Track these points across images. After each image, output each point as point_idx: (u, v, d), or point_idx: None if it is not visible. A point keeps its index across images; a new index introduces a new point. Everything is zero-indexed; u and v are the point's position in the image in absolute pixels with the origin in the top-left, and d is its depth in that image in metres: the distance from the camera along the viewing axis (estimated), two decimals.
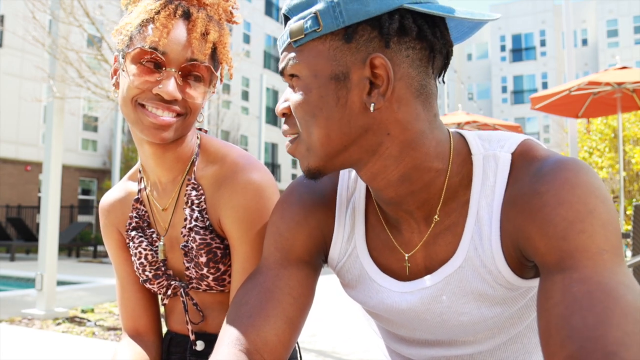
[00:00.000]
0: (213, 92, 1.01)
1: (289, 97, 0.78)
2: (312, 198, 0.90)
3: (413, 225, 0.82)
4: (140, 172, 1.13)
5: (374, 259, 0.87)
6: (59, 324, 4.84)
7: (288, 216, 0.89)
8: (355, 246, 0.88)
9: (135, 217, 1.11)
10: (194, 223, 1.02)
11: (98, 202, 19.31)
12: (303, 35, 0.73)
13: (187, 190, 1.04)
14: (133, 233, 1.10)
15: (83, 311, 5.46)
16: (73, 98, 5.72)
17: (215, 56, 1.00)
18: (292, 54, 0.75)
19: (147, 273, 1.09)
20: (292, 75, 0.76)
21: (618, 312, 0.58)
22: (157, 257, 1.08)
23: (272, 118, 26.56)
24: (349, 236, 0.89)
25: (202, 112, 1.04)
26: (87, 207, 20.10)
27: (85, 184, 20.72)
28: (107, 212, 1.16)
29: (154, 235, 1.10)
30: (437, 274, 0.81)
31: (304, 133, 0.76)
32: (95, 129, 20.08)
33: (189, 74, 0.95)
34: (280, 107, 0.78)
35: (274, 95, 27.13)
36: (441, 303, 0.81)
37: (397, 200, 0.79)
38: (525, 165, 0.75)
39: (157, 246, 1.09)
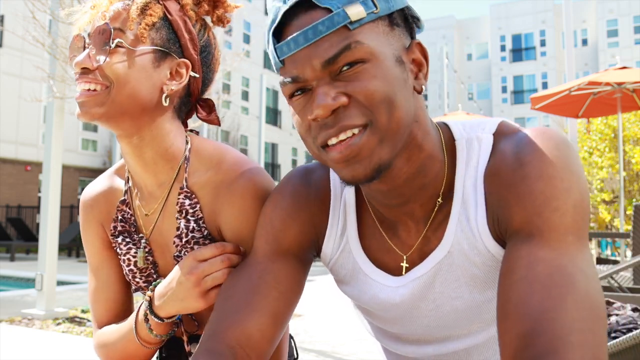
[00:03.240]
0: (109, 48, 0.91)
1: (349, 89, 0.69)
2: (306, 191, 0.89)
3: (410, 226, 0.82)
4: (127, 170, 1.06)
5: (369, 255, 0.86)
6: (58, 324, 4.84)
7: (280, 208, 0.88)
8: (348, 241, 0.87)
9: (121, 220, 1.05)
10: (190, 235, 0.98)
11: None
12: (365, 16, 0.69)
13: (179, 199, 0.98)
14: (119, 239, 1.04)
15: (83, 311, 5.46)
16: (73, 98, 5.72)
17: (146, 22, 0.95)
18: (353, 38, 0.69)
19: (137, 279, 1.04)
20: (352, 63, 0.69)
21: (572, 299, 0.61)
22: (147, 263, 1.03)
23: (272, 118, 26.56)
24: (342, 231, 0.88)
25: (165, 92, 0.97)
26: None
27: (85, 184, 20.67)
28: (89, 206, 1.09)
29: (143, 241, 1.03)
30: (428, 261, 0.81)
31: (382, 119, 0.70)
32: (95, 129, 20.09)
33: (102, 42, 0.91)
34: (337, 102, 0.69)
35: (274, 95, 27.12)
36: (433, 290, 0.81)
37: (407, 198, 0.79)
38: (505, 138, 0.77)
39: (146, 252, 1.03)
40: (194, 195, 0.98)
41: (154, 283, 0.98)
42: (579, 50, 35.05)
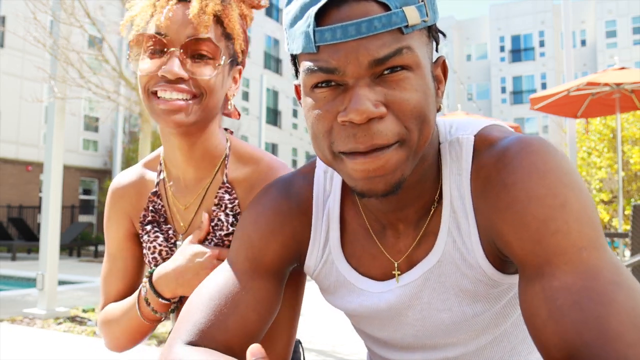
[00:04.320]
0: (219, 66, 0.95)
1: (389, 98, 0.64)
2: (287, 204, 0.84)
3: (401, 230, 0.79)
4: (160, 164, 1.09)
5: (353, 264, 0.83)
6: (60, 323, 4.86)
7: (262, 223, 0.83)
8: (331, 252, 0.84)
9: (152, 210, 1.07)
10: (231, 229, 1.00)
11: (99, 202, 19.32)
12: (419, 22, 0.65)
13: (219, 193, 1.01)
14: (148, 227, 1.07)
15: (84, 311, 5.48)
16: (74, 98, 5.74)
17: (225, 31, 0.98)
18: (406, 43, 0.64)
19: None
20: (395, 68, 0.64)
21: (614, 322, 0.54)
22: (171, 254, 1.05)
23: (272, 118, 26.56)
24: (324, 242, 0.84)
25: (230, 99, 1.03)
26: (88, 207, 20.10)
27: (86, 184, 20.72)
28: (119, 196, 1.11)
29: (171, 232, 1.06)
30: (416, 269, 0.78)
31: (413, 136, 0.66)
32: (96, 129, 20.08)
33: (195, 52, 0.92)
34: (378, 111, 0.63)
35: (274, 95, 27.13)
36: (421, 299, 0.78)
37: (403, 205, 0.76)
38: (487, 147, 0.72)
39: (172, 243, 1.06)
40: (233, 191, 1.02)
41: (149, 270, 1.02)
42: (578, 50, 35.05)
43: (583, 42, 36.32)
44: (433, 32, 0.71)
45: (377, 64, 0.63)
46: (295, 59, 0.72)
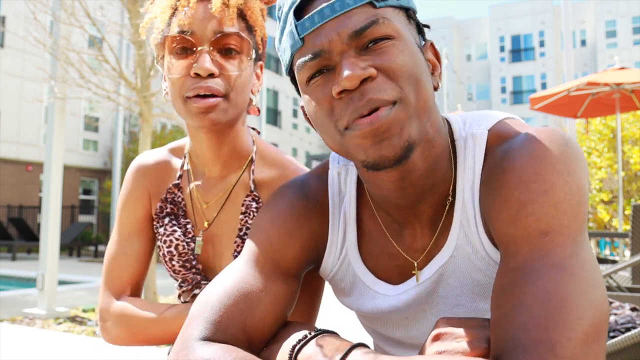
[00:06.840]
0: (250, 59, 0.96)
1: (377, 62, 0.67)
2: (305, 205, 0.84)
3: (417, 230, 0.80)
4: (185, 156, 1.08)
5: (369, 266, 0.83)
6: (60, 323, 4.87)
7: (279, 225, 0.82)
8: (347, 253, 0.84)
9: (170, 202, 1.05)
10: None
11: (99, 202, 19.31)
12: None
13: (245, 200, 1.01)
14: (166, 220, 1.04)
15: (84, 310, 5.48)
16: (74, 98, 5.74)
17: (248, 24, 0.97)
18: (381, 15, 0.68)
19: (174, 262, 1.03)
20: (378, 40, 0.68)
21: (531, 296, 0.56)
22: (187, 249, 1.03)
23: (272, 118, 26.57)
24: (341, 243, 0.84)
25: (255, 94, 1.02)
26: (88, 207, 20.10)
27: (86, 184, 20.72)
28: (142, 175, 1.08)
29: (189, 227, 1.04)
30: (432, 265, 0.78)
31: (410, 96, 0.67)
32: (96, 130, 20.08)
33: (223, 47, 0.92)
34: (366, 72, 0.66)
35: (274, 95, 27.14)
36: (437, 293, 0.79)
37: (418, 198, 0.76)
38: (500, 142, 0.74)
39: (190, 237, 1.04)
40: (260, 200, 1.01)
41: None
42: (578, 50, 35.05)
43: (583, 42, 36.33)
44: (413, 18, 0.75)
45: (357, 35, 0.67)
46: (293, 76, 0.75)
